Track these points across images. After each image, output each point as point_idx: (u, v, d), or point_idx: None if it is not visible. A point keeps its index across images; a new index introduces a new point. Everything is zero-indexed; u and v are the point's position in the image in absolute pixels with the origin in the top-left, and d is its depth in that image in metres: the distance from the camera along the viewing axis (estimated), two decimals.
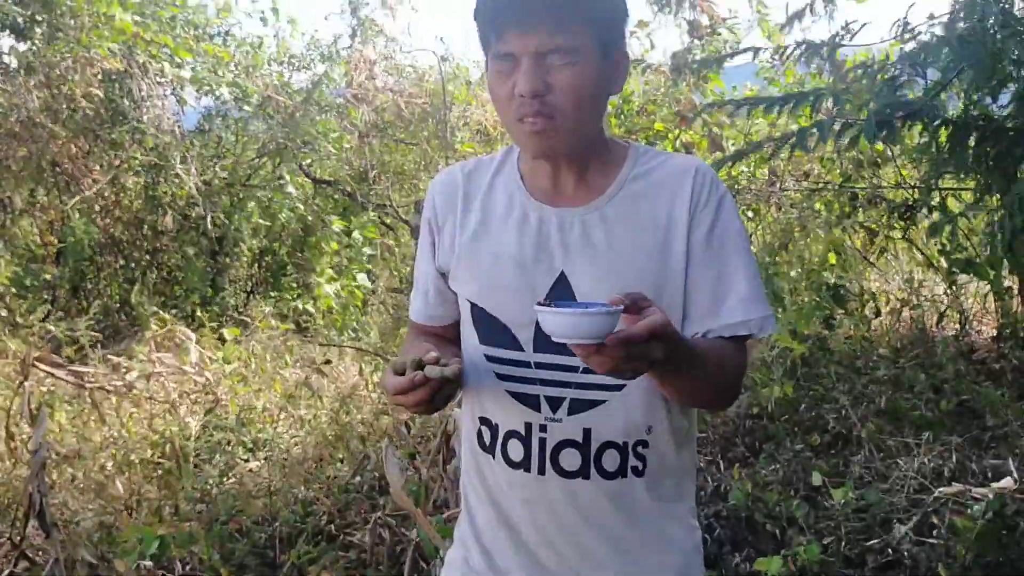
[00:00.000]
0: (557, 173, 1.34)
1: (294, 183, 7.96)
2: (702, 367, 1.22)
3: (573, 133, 1.26)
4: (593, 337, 1.03)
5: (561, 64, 1.21)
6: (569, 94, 1.22)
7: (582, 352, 1.06)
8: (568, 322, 1.04)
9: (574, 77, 1.22)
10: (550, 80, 1.21)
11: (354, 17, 8.58)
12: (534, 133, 1.24)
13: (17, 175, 6.84)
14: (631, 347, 1.04)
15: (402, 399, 1.19)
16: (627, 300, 1.08)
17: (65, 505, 3.68)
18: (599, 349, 1.04)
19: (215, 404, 4.68)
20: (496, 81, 1.26)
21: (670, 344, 1.07)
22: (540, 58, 1.21)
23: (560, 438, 1.31)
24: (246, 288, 8.41)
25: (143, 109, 6.85)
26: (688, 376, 1.21)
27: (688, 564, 1.39)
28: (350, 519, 3.51)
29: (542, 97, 1.21)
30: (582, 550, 1.34)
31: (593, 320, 1.03)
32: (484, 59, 1.34)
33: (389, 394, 1.21)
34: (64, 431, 4.49)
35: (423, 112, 7.82)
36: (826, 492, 3.43)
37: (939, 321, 5.37)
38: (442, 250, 1.41)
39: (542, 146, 1.26)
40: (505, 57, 1.23)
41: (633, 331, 1.03)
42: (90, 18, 6.46)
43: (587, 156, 1.33)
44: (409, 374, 1.18)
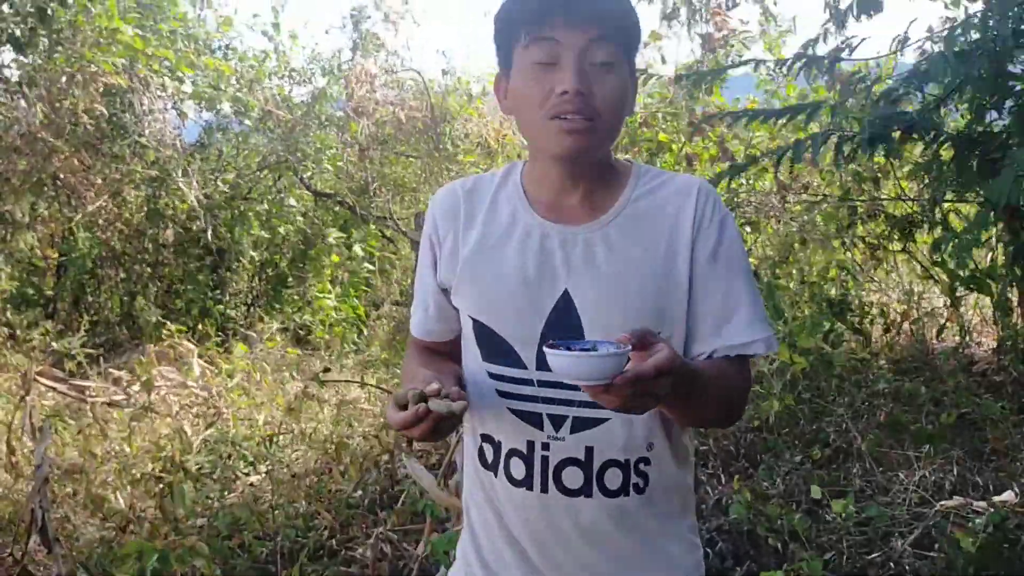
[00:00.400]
0: (564, 190, 1.34)
1: (294, 196, 7.98)
2: (707, 391, 1.23)
3: (605, 140, 1.29)
4: (602, 378, 1.04)
5: (602, 69, 1.23)
6: (610, 100, 1.24)
7: (591, 391, 1.08)
8: (578, 364, 1.05)
9: (615, 83, 1.24)
10: (593, 85, 1.23)
11: (355, 31, 8.63)
12: (571, 131, 1.23)
13: (18, 189, 6.86)
14: (640, 385, 1.05)
15: (407, 433, 1.19)
16: (634, 338, 1.08)
17: (67, 520, 3.67)
18: (608, 388, 1.05)
19: (216, 418, 4.68)
20: (529, 80, 1.26)
21: (677, 378, 1.08)
22: (583, 59, 1.22)
23: (562, 456, 1.31)
24: (247, 301, 8.42)
25: (144, 123, 6.88)
26: (693, 401, 1.21)
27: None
28: (352, 534, 3.50)
29: (585, 97, 1.22)
30: (584, 568, 1.34)
31: (602, 361, 1.04)
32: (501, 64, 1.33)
33: (394, 427, 1.21)
34: (65, 445, 4.48)
35: (424, 125, 7.84)
36: (827, 505, 3.43)
37: (939, 333, 5.37)
38: (443, 266, 1.41)
39: (575, 147, 1.25)
40: (548, 43, 1.23)
41: (641, 370, 1.04)
42: (92, 32, 6.49)
43: (595, 174, 1.34)
44: (412, 408, 1.17)
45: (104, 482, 4.02)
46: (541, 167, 1.36)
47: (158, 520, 3.63)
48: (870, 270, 5.95)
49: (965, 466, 3.78)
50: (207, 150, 8.09)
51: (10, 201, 6.91)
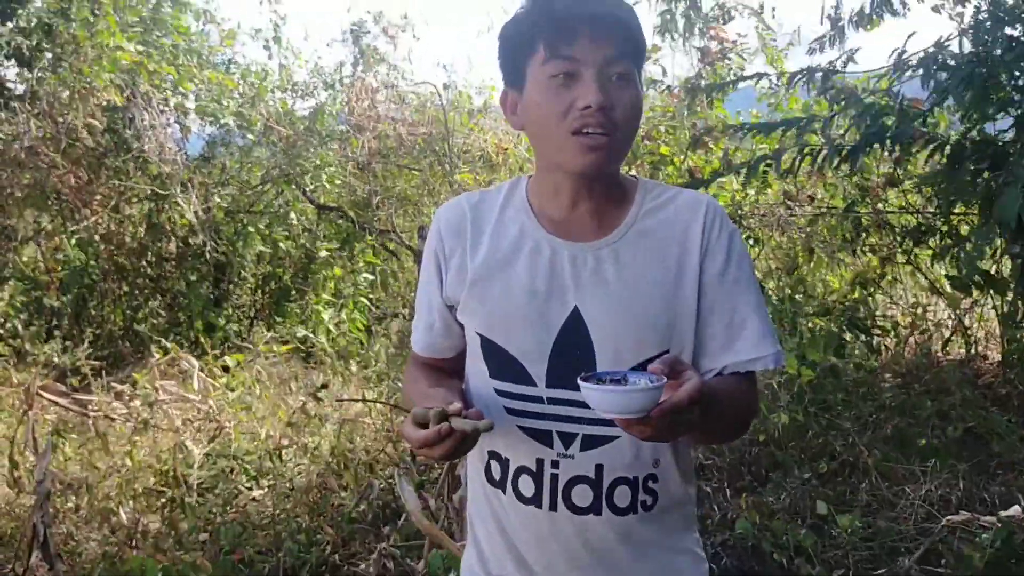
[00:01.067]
0: (573, 206, 1.34)
1: (296, 209, 7.98)
2: (723, 410, 1.24)
3: (621, 153, 1.29)
4: (640, 411, 1.05)
5: (621, 83, 1.24)
6: (628, 114, 1.25)
7: (624, 423, 1.08)
8: (616, 399, 1.06)
9: (633, 97, 1.26)
10: (613, 98, 1.23)
11: (356, 45, 8.64)
12: (593, 148, 1.24)
13: (21, 203, 6.88)
14: (675, 416, 1.06)
15: (427, 452, 1.18)
16: (666, 368, 1.09)
17: (69, 535, 3.66)
18: (642, 419, 1.06)
19: (219, 432, 4.67)
20: (548, 94, 1.25)
21: (705, 403, 1.09)
22: (606, 73, 1.23)
23: (572, 474, 1.31)
24: (249, 315, 8.41)
25: (145, 138, 6.89)
26: (710, 422, 1.21)
27: None
28: (354, 549, 3.49)
29: (607, 111, 1.23)
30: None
31: (642, 396, 1.05)
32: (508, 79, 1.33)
33: (413, 446, 1.20)
34: (68, 460, 4.47)
35: (425, 139, 7.85)
36: (833, 520, 3.40)
37: (945, 346, 5.36)
38: (450, 282, 1.40)
39: (596, 162, 1.25)
40: (568, 61, 1.23)
41: (677, 401, 1.05)
42: (93, 48, 6.51)
43: (604, 190, 1.34)
44: (434, 427, 1.16)
45: (107, 496, 4.01)
46: (551, 182, 1.35)
47: (161, 535, 3.61)
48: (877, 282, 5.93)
49: (972, 480, 3.76)
50: (210, 163, 8.10)
51: (13, 215, 6.92)
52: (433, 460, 1.23)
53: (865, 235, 5.59)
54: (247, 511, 3.91)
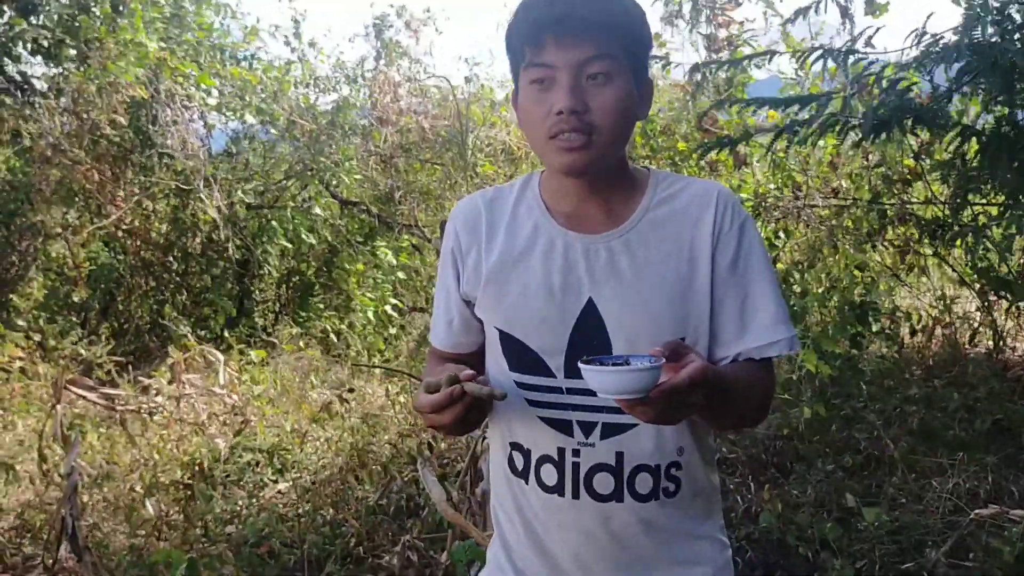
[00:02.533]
0: (582, 200, 1.36)
1: (320, 204, 8.02)
2: (735, 396, 1.25)
3: (606, 153, 1.28)
4: (638, 392, 1.07)
5: (598, 82, 1.24)
6: (607, 113, 1.25)
7: (626, 404, 1.09)
8: (614, 380, 1.08)
9: (612, 96, 1.25)
10: (588, 99, 1.24)
11: (378, 39, 8.66)
12: (569, 150, 1.25)
13: (49, 199, 6.96)
14: (674, 397, 1.08)
15: (437, 417, 1.20)
16: (667, 351, 1.11)
17: (96, 527, 3.70)
18: (643, 401, 1.08)
19: (244, 426, 4.71)
20: (530, 100, 1.28)
21: (709, 387, 1.11)
22: (578, 75, 1.23)
23: (593, 462, 1.32)
24: (274, 309, 8.47)
25: (169, 134, 6.94)
26: (723, 407, 1.24)
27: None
28: (378, 541, 3.51)
29: (580, 115, 1.23)
30: (615, 570, 1.35)
31: (639, 376, 1.07)
32: (513, 80, 1.36)
33: (424, 412, 1.22)
34: (95, 453, 4.53)
35: (447, 133, 7.87)
36: (859, 514, 3.38)
37: (972, 339, 5.29)
38: (467, 279, 1.42)
39: (576, 164, 1.27)
40: (541, 68, 1.25)
41: (676, 383, 1.07)
42: (116, 45, 6.57)
43: (612, 182, 1.35)
44: (446, 389, 1.17)
45: (132, 489, 4.05)
46: (556, 180, 1.38)
47: (187, 527, 3.65)
48: (901, 274, 5.87)
49: (1000, 474, 3.71)
50: (234, 159, 8.15)
51: (41, 211, 7.00)
52: (443, 430, 1.23)
53: (891, 227, 5.54)
54: (272, 504, 3.94)
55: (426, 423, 1.24)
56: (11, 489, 4.19)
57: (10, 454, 4.71)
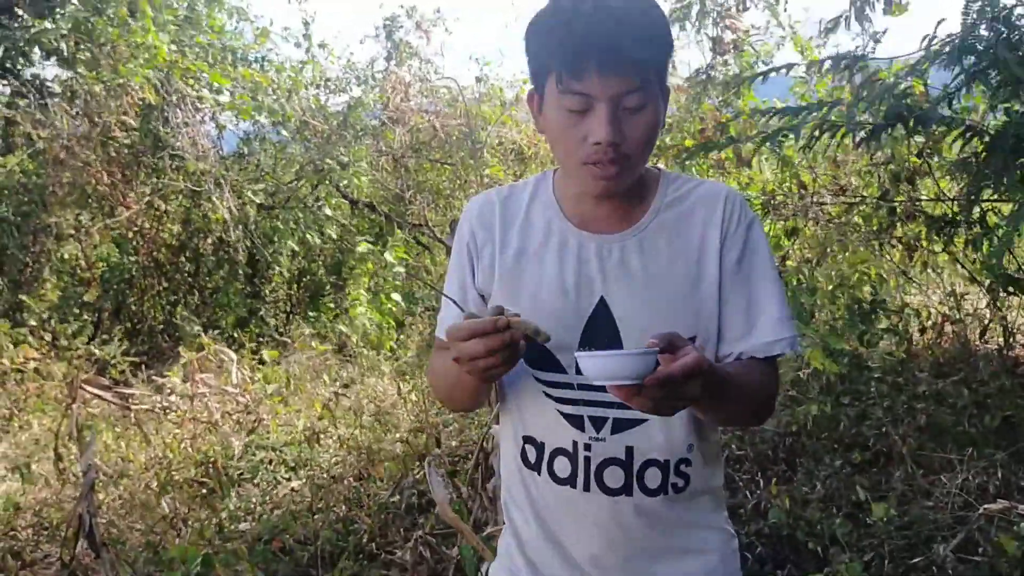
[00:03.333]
0: (598, 201, 1.38)
1: (330, 205, 8.05)
2: (736, 393, 1.27)
3: (635, 173, 1.32)
4: (631, 378, 1.08)
5: (635, 109, 1.24)
6: (641, 141, 1.27)
7: (622, 394, 1.11)
8: (606, 364, 1.09)
9: (645, 124, 1.26)
10: (624, 129, 1.24)
11: (389, 40, 8.70)
12: (603, 177, 1.27)
13: (62, 200, 7.01)
14: (669, 387, 1.09)
15: (472, 345, 1.15)
16: (663, 342, 1.12)
17: (112, 525, 3.75)
18: (638, 390, 1.09)
19: (257, 424, 4.74)
20: (563, 123, 1.26)
21: (707, 380, 1.12)
22: (617, 105, 1.23)
23: (604, 456, 1.34)
24: (285, 309, 8.51)
25: (180, 135, 6.99)
26: (723, 403, 1.26)
27: (727, 570, 1.43)
28: (391, 537, 3.54)
29: (617, 146, 1.24)
30: (624, 563, 1.37)
31: (630, 361, 1.08)
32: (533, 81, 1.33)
33: (459, 340, 1.17)
34: (110, 452, 4.57)
35: (460, 134, 7.89)
36: (868, 509, 3.39)
37: (982, 336, 5.29)
38: (481, 274, 1.44)
39: (608, 189, 1.30)
40: (580, 97, 1.23)
41: (671, 371, 1.08)
42: (127, 47, 6.62)
43: (627, 189, 1.36)
44: (491, 317, 1.15)
45: (148, 487, 4.10)
46: (576, 183, 1.38)
47: (202, 524, 3.69)
48: (910, 272, 5.87)
49: (1009, 469, 3.71)
50: (245, 160, 8.19)
51: (54, 213, 7.06)
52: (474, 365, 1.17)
53: (900, 224, 5.54)
54: (285, 501, 3.97)
55: (455, 354, 1.19)
56: (28, 488, 4.24)
57: (27, 453, 4.76)
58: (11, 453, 4.89)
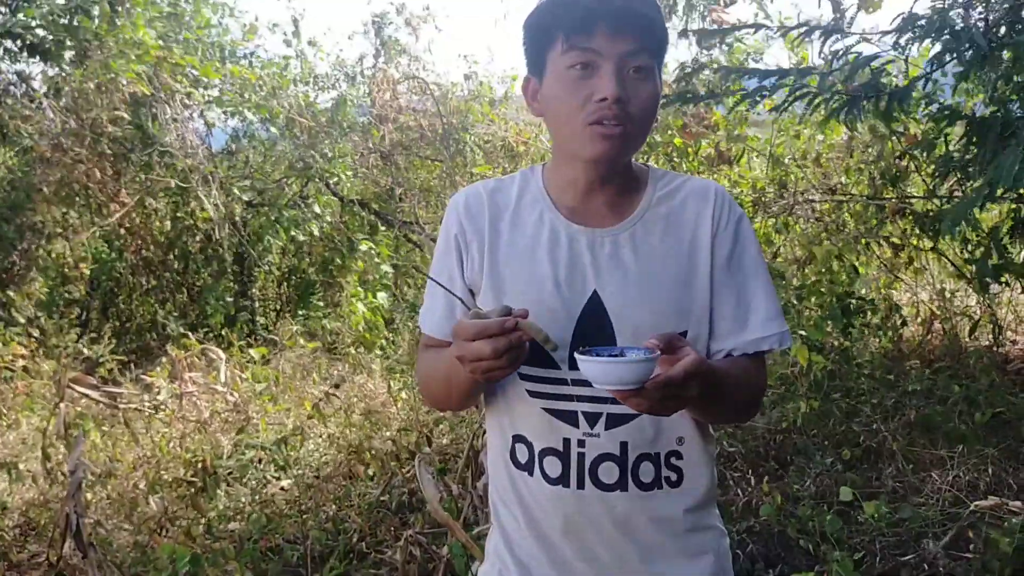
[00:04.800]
0: (588, 193, 1.37)
1: (320, 202, 8.02)
2: (728, 390, 1.28)
3: (636, 144, 1.31)
4: (633, 383, 1.09)
5: (640, 76, 1.26)
6: (645, 107, 1.28)
7: (620, 395, 1.12)
8: (610, 370, 1.10)
9: (650, 88, 1.28)
10: (630, 91, 1.25)
11: (378, 37, 8.67)
12: (608, 136, 1.26)
13: (49, 198, 6.96)
14: (669, 389, 1.10)
15: (478, 346, 1.13)
16: (662, 343, 1.13)
17: (100, 525, 3.72)
18: (638, 392, 1.10)
19: (246, 423, 4.72)
20: (567, 84, 1.27)
21: (703, 380, 1.13)
22: (624, 65, 1.25)
23: (598, 452, 1.33)
24: (274, 307, 8.48)
25: (169, 132, 6.94)
26: (716, 400, 1.27)
27: (721, 569, 1.42)
28: (381, 536, 3.52)
29: (623, 104, 1.25)
30: (619, 561, 1.36)
31: (634, 368, 1.09)
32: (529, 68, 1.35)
33: (465, 339, 1.15)
34: (98, 451, 4.54)
35: (446, 129, 7.87)
36: (859, 507, 3.40)
37: (972, 332, 5.30)
38: (470, 268, 1.41)
39: (610, 152, 1.27)
40: (586, 52, 1.25)
41: (672, 375, 1.09)
42: (115, 43, 6.58)
43: (618, 178, 1.37)
44: (499, 318, 1.14)
45: (136, 487, 4.07)
46: (567, 171, 1.38)
47: (191, 523, 3.67)
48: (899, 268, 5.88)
49: (1000, 466, 3.73)
50: (234, 157, 8.15)
51: (41, 210, 7.01)
52: (479, 365, 1.16)
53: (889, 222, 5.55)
54: (275, 500, 3.95)
55: (458, 353, 1.18)
56: (15, 487, 4.20)
57: (14, 453, 4.73)
58: None
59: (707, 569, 1.40)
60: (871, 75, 3.61)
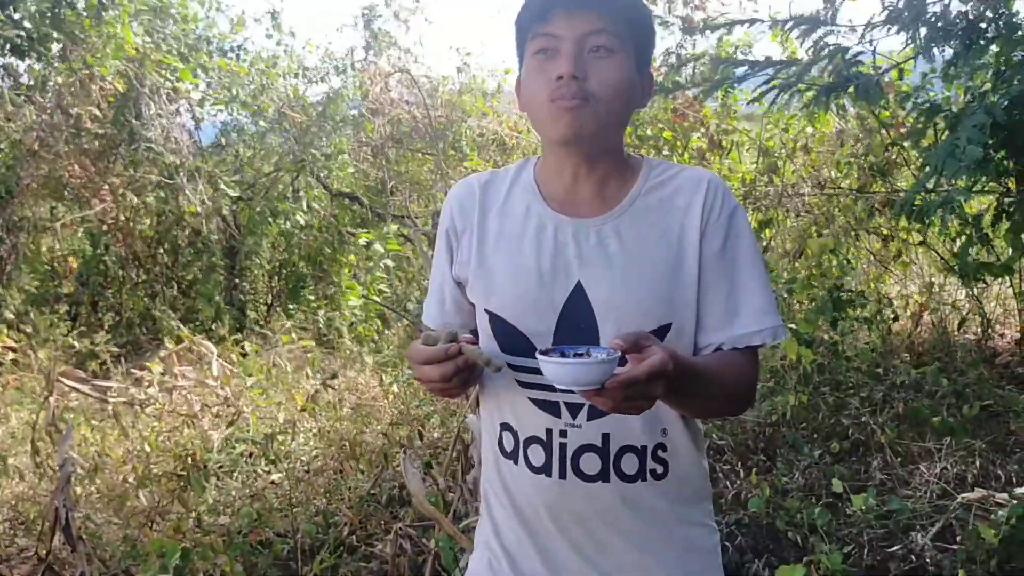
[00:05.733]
0: (576, 182, 1.36)
1: (310, 196, 8.00)
2: (711, 386, 1.27)
3: (603, 123, 1.28)
4: (593, 384, 1.09)
5: (600, 55, 1.26)
6: (605, 85, 1.26)
7: (585, 394, 1.12)
8: (568, 371, 1.10)
9: (611, 69, 1.27)
10: (589, 70, 1.26)
11: (367, 29, 8.63)
12: (567, 109, 1.25)
13: (37, 193, 6.93)
14: (631, 389, 1.09)
15: (428, 370, 1.21)
16: (626, 344, 1.11)
17: (89, 519, 3.71)
18: (600, 392, 1.09)
19: (237, 417, 4.71)
20: (533, 71, 1.30)
21: (673, 379, 1.12)
22: (581, 46, 1.26)
23: (580, 443, 1.33)
24: (265, 301, 8.46)
25: (153, 127, 6.91)
26: (696, 397, 1.26)
27: (707, 566, 1.42)
28: (371, 529, 3.52)
29: (580, 82, 1.25)
30: (603, 552, 1.36)
31: (591, 369, 1.09)
32: (519, 65, 1.38)
33: (416, 363, 1.23)
34: (88, 445, 4.53)
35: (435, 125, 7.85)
36: (848, 499, 3.41)
37: (960, 325, 5.33)
38: (460, 261, 1.43)
39: (571, 125, 1.27)
40: (546, 38, 1.27)
41: (633, 375, 1.08)
42: (99, 39, 6.54)
43: (607, 164, 1.36)
44: (443, 345, 1.19)
45: (126, 481, 4.06)
46: (552, 160, 1.38)
47: (181, 517, 3.66)
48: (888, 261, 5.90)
49: (988, 458, 3.75)
50: (224, 151, 8.13)
51: (28, 205, 6.98)
52: (429, 386, 1.26)
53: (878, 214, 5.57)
54: (265, 494, 3.95)
55: (414, 374, 1.26)
56: (4, 481, 4.19)
57: (3, 447, 4.71)
58: None
59: (695, 564, 1.40)
60: (843, 65, 3.67)
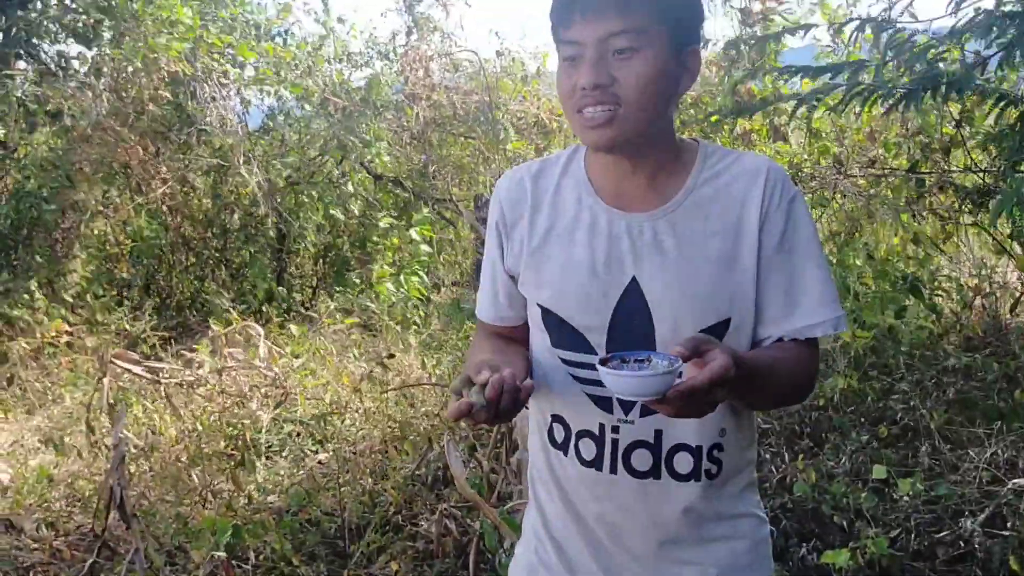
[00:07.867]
0: (625, 176, 1.33)
1: (354, 180, 8.06)
2: (770, 381, 1.24)
3: (636, 126, 1.24)
4: (654, 394, 1.08)
5: (625, 56, 1.21)
6: (634, 85, 1.21)
7: (646, 403, 1.12)
8: (629, 383, 1.09)
9: (638, 69, 1.21)
10: (614, 72, 1.21)
11: (409, 14, 8.64)
12: (593, 127, 1.23)
13: (90, 177, 7.07)
14: (694, 397, 1.08)
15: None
16: (688, 348, 1.09)
17: (143, 496, 3.81)
18: (662, 400, 1.08)
19: (285, 397, 4.79)
20: (562, 76, 1.27)
21: (735, 382, 1.09)
22: (605, 49, 1.21)
23: (632, 439, 1.33)
24: (311, 284, 8.56)
25: (208, 110, 7.02)
26: (757, 393, 1.24)
27: (757, 556, 1.42)
28: (416, 510, 3.57)
29: (605, 88, 1.21)
30: (652, 546, 1.36)
31: (653, 380, 1.08)
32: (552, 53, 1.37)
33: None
34: (140, 425, 4.64)
35: (477, 108, 7.85)
36: (894, 484, 3.37)
37: (1013, 308, 5.21)
38: (511, 254, 1.42)
39: (601, 140, 1.25)
40: (570, 45, 1.24)
41: (695, 383, 1.07)
42: (153, 23, 6.64)
43: (656, 157, 1.32)
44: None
45: (178, 460, 4.16)
46: (599, 156, 1.36)
47: (232, 495, 3.74)
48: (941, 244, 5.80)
49: None
50: (270, 135, 8.22)
51: (83, 189, 7.12)
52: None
53: (930, 196, 5.46)
54: (313, 474, 4.02)
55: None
56: (61, 460, 4.32)
57: (59, 426, 4.85)
58: (44, 426, 4.98)
59: (742, 556, 1.39)
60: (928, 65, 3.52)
